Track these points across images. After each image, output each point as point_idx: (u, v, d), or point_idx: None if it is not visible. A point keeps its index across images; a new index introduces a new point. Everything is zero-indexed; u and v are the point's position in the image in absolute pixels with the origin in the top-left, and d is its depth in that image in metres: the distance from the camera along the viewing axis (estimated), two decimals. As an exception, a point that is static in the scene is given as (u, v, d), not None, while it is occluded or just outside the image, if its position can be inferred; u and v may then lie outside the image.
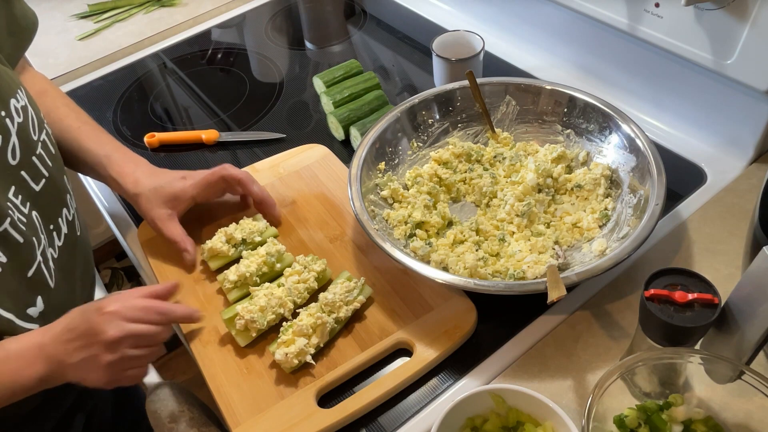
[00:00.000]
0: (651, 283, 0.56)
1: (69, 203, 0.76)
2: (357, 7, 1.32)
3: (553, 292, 0.63)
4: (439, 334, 0.69)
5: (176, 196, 0.79)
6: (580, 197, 0.81)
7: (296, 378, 0.67)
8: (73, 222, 0.77)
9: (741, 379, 0.53)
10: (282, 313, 0.71)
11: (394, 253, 0.70)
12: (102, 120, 1.09)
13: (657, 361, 0.56)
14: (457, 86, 0.90)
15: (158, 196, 0.79)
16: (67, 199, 0.75)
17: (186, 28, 1.32)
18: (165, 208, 0.79)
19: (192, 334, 0.73)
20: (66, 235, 0.74)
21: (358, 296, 0.72)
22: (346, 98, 0.99)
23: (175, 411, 0.63)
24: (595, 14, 0.89)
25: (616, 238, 0.73)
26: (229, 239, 0.79)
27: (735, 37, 0.75)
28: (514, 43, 1.11)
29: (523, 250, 0.75)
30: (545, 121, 0.89)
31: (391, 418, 0.65)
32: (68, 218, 0.75)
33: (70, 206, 0.76)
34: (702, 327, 0.53)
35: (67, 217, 0.75)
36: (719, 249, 0.75)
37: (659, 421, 0.55)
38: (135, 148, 1.02)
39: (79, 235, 0.78)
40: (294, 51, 1.23)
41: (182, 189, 0.80)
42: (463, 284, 0.67)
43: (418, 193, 0.83)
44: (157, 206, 0.79)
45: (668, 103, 0.92)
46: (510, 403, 0.58)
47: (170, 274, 0.80)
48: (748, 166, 0.85)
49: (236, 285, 0.75)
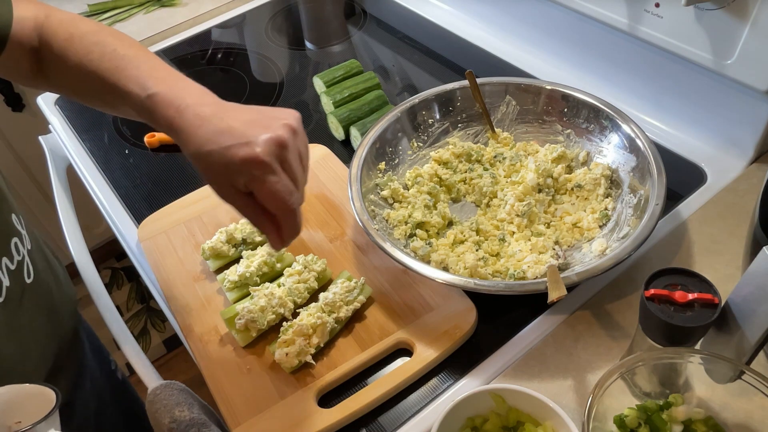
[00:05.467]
0: (651, 283, 0.56)
1: (14, 249, 0.66)
2: (357, 7, 1.32)
3: (554, 292, 0.63)
4: (439, 334, 0.69)
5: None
6: (580, 197, 0.81)
7: (296, 378, 0.67)
8: (21, 269, 0.67)
9: (741, 379, 0.53)
10: (282, 313, 0.71)
11: (394, 253, 0.70)
12: (102, 120, 1.09)
13: (657, 361, 0.56)
14: (457, 86, 0.90)
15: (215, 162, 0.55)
16: (11, 245, 0.65)
17: (186, 28, 1.32)
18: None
19: (192, 334, 0.73)
20: (8, 288, 0.64)
21: (358, 296, 0.72)
22: (346, 98, 0.99)
23: (175, 411, 0.63)
24: (595, 14, 0.89)
25: (616, 238, 0.73)
26: (229, 239, 0.79)
27: (735, 37, 0.75)
28: (514, 43, 1.11)
29: (523, 250, 0.75)
30: (545, 121, 0.89)
31: (391, 418, 0.65)
32: (9, 267, 0.65)
33: (15, 252, 0.66)
34: (702, 327, 0.53)
35: (8, 266, 0.65)
36: (719, 249, 0.75)
37: (659, 421, 0.55)
38: (135, 149, 1.03)
39: (32, 282, 0.69)
40: (294, 51, 1.23)
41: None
42: (463, 284, 0.67)
43: (418, 193, 0.83)
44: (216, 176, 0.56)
45: (668, 103, 0.92)
46: (510, 403, 0.58)
47: (170, 273, 0.80)
48: (748, 166, 0.85)
49: (236, 285, 0.75)
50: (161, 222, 0.86)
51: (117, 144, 1.04)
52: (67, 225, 0.98)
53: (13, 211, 0.69)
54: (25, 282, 0.68)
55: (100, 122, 1.09)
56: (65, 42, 0.63)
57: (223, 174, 0.54)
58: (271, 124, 0.55)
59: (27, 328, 0.68)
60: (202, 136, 0.54)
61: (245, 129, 0.54)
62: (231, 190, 0.55)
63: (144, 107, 0.58)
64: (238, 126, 0.54)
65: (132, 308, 2.08)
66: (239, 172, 0.53)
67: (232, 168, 0.53)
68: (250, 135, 0.53)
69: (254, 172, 0.53)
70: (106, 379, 0.92)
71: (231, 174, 0.54)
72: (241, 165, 0.53)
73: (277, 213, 0.55)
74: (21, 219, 0.71)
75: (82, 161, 1.03)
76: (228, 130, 0.54)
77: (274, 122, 0.55)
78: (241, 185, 0.54)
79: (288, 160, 0.55)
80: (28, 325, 0.68)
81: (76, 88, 0.66)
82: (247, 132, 0.54)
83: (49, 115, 1.13)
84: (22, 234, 0.70)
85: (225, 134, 0.54)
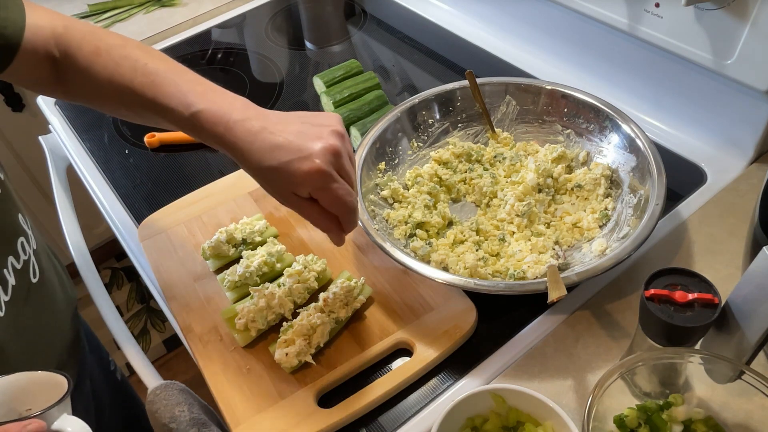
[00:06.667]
0: (651, 283, 0.56)
1: (20, 248, 0.66)
2: (357, 7, 1.32)
3: (554, 292, 0.63)
4: (439, 334, 0.69)
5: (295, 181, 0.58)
6: (580, 197, 0.81)
7: (296, 378, 0.67)
8: (27, 268, 0.67)
9: (741, 379, 0.53)
10: (282, 313, 0.71)
11: (394, 253, 0.70)
12: (102, 120, 1.09)
13: (657, 361, 0.56)
14: (457, 86, 0.90)
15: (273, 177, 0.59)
16: (18, 244, 0.66)
17: (186, 28, 1.32)
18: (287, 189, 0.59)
19: (192, 334, 0.73)
20: (14, 287, 0.65)
21: (358, 296, 0.72)
22: (346, 98, 0.99)
23: (175, 411, 0.63)
24: (595, 14, 0.89)
25: (616, 238, 0.73)
26: (229, 239, 0.79)
27: (735, 37, 0.75)
28: (514, 43, 1.11)
29: (523, 250, 0.75)
30: (545, 121, 0.89)
31: (391, 418, 0.65)
32: (16, 266, 0.65)
33: (21, 251, 0.67)
34: (702, 327, 0.53)
35: (15, 265, 0.65)
36: (719, 249, 0.75)
37: (659, 421, 0.55)
38: (135, 149, 1.03)
39: (37, 282, 0.69)
40: (294, 51, 1.23)
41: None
42: (463, 284, 0.67)
43: (418, 193, 0.83)
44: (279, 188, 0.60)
45: (668, 103, 0.92)
46: (510, 403, 0.58)
47: (170, 274, 0.80)
48: (748, 166, 0.85)
49: (236, 285, 0.75)
50: (161, 222, 0.86)
51: (117, 144, 1.04)
52: (67, 225, 0.98)
53: (20, 211, 0.69)
54: (31, 281, 0.68)
55: (100, 122, 1.09)
56: (92, 55, 0.63)
57: (288, 187, 0.58)
58: (321, 134, 0.58)
59: (32, 327, 0.68)
60: (257, 151, 0.58)
61: (300, 142, 0.58)
62: (294, 198, 0.59)
63: (189, 124, 0.60)
64: (293, 139, 0.58)
65: (132, 308, 2.08)
66: (303, 184, 0.57)
67: (296, 181, 0.57)
68: (307, 148, 0.57)
69: (317, 183, 0.57)
70: (106, 379, 0.92)
71: (295, 186, 0.58)
72: (304, 178, 0.57)
73: (340, 214, 0.60)
74: (27, 219, 0.71)
75: (82, 161, 1.03)
76: (285, 145, 0.57)
77: (323, 131, 0.59)
78: (304, 194, 0.58)
79: (343, 166, 0.59)
80: (33, 324, 0.68)
81: (100, 100, 0.67)
82: (302, 145, 0.57)
83: (49, 115, 1.13)
84: (29, 234, 0.70)
85: (282, 149, 0.57)
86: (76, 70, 0.64)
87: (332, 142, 0.58)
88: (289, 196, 0.59)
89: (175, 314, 0.75)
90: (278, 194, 0.60)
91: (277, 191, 0.60)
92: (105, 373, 0.93)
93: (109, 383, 0.93)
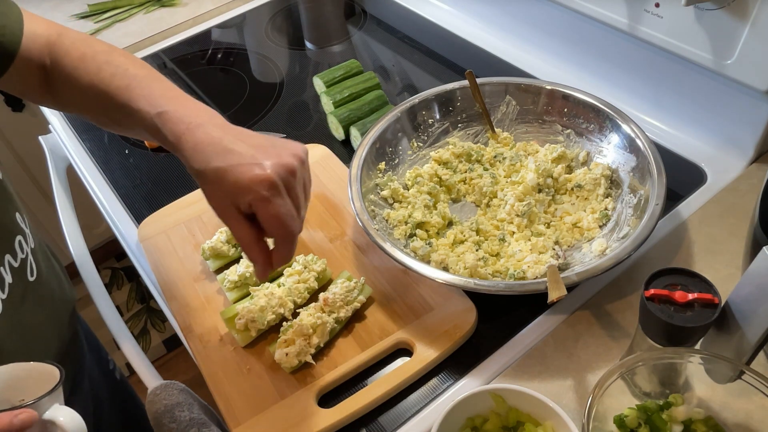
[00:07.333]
0: (651, 283, 0.56)
1: (18, 246, 0.66)
2: (357, 7, 1.32)
3: (554, 292, 0.63)
4: (439, 334, 0.69)
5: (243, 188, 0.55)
6: (580, 197, 0.81)
7: (296, 378, 0.67)
8: (24, 267, 0.67)
9: (741, 379, 0.53)
10: (282, 313, 0.71)
11: (394, 253, 0.70)
12: (102, 120, 1.09)
13: (657, 361, 0.56)
14: (457, 86, 0.90)
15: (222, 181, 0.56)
16: (16, 243, 0.66)
17: (186, 28, 1.32)
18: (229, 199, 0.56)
19: (192, 334, 0.73)
20: (11, 285, 0.64)
21: (358, 296, 0.72)
22: (346, 98, 0.99)
23: (174, 411, 0.63)
24: (595, 14, 0.89)
25: (616, 238, 0.73)
26: (229, 239, 0.79)
27: (735, 37, 0.75)
28: (514, 43, 1.11)
29: (523, 250, 0.75)
30: (545, 121, 0.89)
31: (391, 418, 0.65)
32: (13, 264, 0.65)
33: (19, 250, 0.66)
34: (702, 327, 0.53)
35: (12, 263, 0.65)
36: (719, 249, 0.75)
37: (659, 421, 0.55)
38: (135, 149, 1.03)
39: (34, 281, 0.69)
40: (294, 51, 1.23)
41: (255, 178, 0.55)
42: (463, 284, 0.67)
43: (418, 193, 0.83)
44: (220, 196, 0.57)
45: (668, 103, 0.92)
46: (510, 403, 0.58)
47: (170, 274, 0.80)
48: (748, 166, 0.85)
49: (236, 285, 0.75)
50: (161, 222, 0.86)
51: (117, 144, 1.04)
52: (67, 225, 0.98)
53: (18, 209, 0.69)
54: (28, 280, 0.68)
55: (100, 122, 1.09)
56: (77, 61, 0.63)
57: (230, 192, 0.54)
58: (281, 153, 0.56)
59: (29, 326, 0.68)
60: (210, 153, 0.55)
61: (255, 152, 0.55)
62: (231, 209, 0.55)
63: (153, 124, 0.58)
64: (248, 148, 0.55)
65: (132, 308, 2.08)
66: (247, 190, 0.53)
67: (240, 185, 0.53)
68: (260, 158, 0.54)
69: (262, 192, 0.53)
70: (105, 379, 0.92)
71: (238, 192, 0.54)
72: (250, 183, 0.53)
73: (276, 236, 0.56)
74: (25, 218, 0.71)
75: (82, 161, 1.03)
76: (238, 151, 0.55)
77: (284, 151, 0.57)
78: (244, 205, 0.54)
79: (294, 188, 0.56)
80: (31, 323, 0.68)
81: (85, 106, 0.66)
82: (257, 155, 0.55)
83: (49, 115, 1.13)
84: (26, 233, 0.70)
85: (234, 154, 0.54)
86: (63, 77, 0.64)
87: (290, 160, 0.55)
88: (227, 207, 0.55)
89: (175, 314, 0.75)
90: (216, 202, 0.56)
91: (216, 198, 0.56)
92: (104, 372, 0.93)
93: (108, 383, 0.93)
